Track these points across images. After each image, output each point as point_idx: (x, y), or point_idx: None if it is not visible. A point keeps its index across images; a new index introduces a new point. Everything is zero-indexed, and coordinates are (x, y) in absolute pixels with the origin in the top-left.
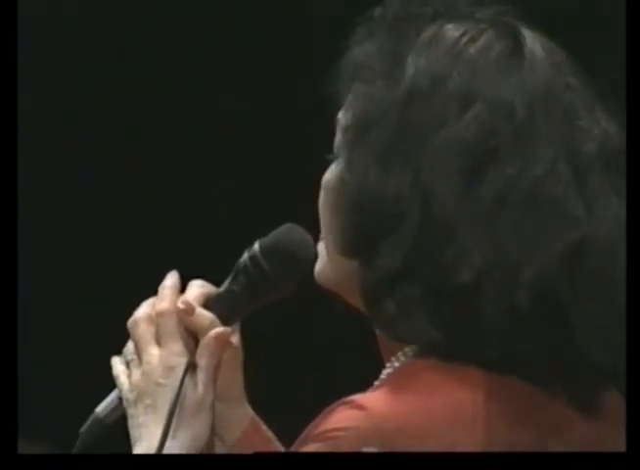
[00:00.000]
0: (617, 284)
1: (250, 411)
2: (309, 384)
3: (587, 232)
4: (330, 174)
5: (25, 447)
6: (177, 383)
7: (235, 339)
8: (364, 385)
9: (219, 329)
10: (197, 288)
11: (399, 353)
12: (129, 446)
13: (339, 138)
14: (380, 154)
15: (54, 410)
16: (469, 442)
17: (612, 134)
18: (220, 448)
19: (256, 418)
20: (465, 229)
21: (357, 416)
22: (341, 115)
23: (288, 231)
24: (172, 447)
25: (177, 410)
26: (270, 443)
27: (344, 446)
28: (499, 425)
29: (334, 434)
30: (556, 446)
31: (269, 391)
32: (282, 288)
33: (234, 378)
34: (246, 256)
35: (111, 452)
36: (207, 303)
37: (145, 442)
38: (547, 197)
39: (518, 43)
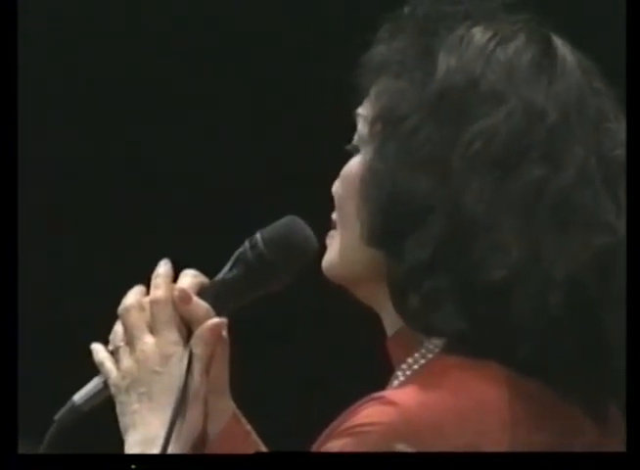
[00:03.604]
0: None
1: (232, 404)
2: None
3: (619, 237)
4: (354, 165)
5: (25, 447)
6: (174, 371)
7: (223, 332)
8: (367, 383)
9: (215, 319)
10: (190, 277)
11: (423, 351)
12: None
13: (363, 131)
14: (411, 147)
15: (54, 410)
16: (494, 442)
17: None
18: None
19: (237, 411)
20: (500, 225)
21: (388, 411)
22: (362, 109)
23: (290, 223)
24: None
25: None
26: (249, 436)
27: (373, 441)
28: (522, 427)
29: (363, 428)
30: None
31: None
32: (281, 279)
33: (221, 370)
34: (247, 245)
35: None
36: (201, 292)
37: (139, 429)
38: (579, 199)
39: (550, 48)
